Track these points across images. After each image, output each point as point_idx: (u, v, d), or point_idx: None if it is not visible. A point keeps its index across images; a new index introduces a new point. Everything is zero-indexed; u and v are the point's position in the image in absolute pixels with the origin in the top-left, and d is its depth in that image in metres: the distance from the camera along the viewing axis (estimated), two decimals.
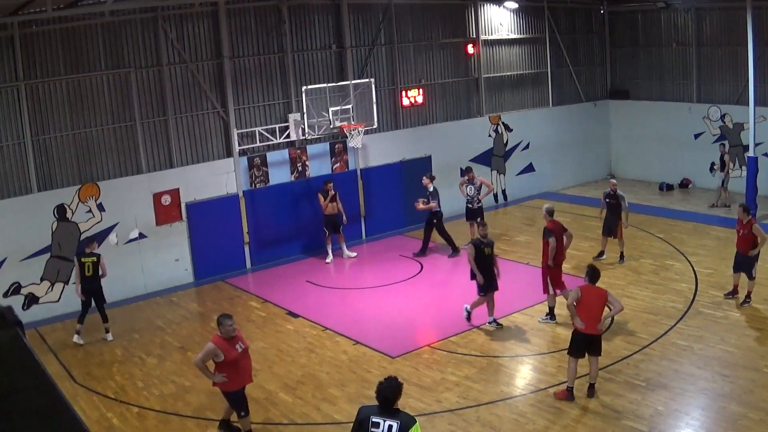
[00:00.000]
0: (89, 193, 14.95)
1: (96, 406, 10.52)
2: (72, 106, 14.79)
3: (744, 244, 12.48)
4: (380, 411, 6.02)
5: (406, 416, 6.04)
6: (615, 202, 15.18)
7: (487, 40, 21.03)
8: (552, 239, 12.34)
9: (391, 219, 19.08)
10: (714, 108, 21.18)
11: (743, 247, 12.50)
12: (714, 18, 21.19)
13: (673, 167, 22.13)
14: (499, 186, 21.61)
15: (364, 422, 5.98)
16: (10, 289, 14.09)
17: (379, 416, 5.95)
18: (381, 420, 5.93)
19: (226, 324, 8.75)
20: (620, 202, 15.10)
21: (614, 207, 15.21)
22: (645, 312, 12.37)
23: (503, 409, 9.62)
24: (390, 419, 5.92)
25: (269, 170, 17.26)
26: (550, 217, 12.72)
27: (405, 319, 13.28)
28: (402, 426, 5.88)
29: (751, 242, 12.37)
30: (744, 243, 12.48)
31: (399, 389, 6.13)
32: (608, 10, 23.63)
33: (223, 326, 8.77)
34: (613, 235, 15.25)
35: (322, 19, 17.85)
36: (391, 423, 5.89)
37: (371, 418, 5.96)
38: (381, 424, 5.91)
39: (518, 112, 21.97)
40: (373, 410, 6.07)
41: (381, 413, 5.99)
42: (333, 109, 16.71)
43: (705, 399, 9.49)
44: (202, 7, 16.04)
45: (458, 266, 16.40)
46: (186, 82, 16.08)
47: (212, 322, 13.76)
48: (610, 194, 15.26)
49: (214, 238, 16.35)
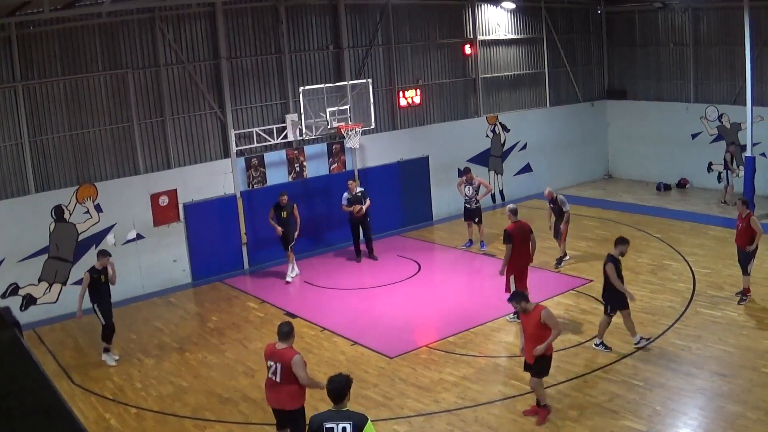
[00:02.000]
0: (87, 193, 14.94)
1: (94, 407, 10.51)
2: (69, 106, 14.77)
3: (742, 238, 12.56)
4: (332, 415, 6.09)
5: (358, 416, 6.11)
6: (557, 207, 15.24)
7: (485, 41, 21.04)
8: (509, 246, 12.20)
9: (389, 219, 19.08)
10: (711, 108, 21.20)
11: (742, 241, 12.58)
12: (711, 18, 21.22)
13: (670, 167, 22.15)
14: (497, 186, 21.62)
15: (318, 430, 6.03)
16: (8, 289, 14.07)
17: (332, 421, 6.00)
18: (334, 425, 5.97)
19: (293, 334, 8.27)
20: (561, 207, 15.13)
21: (558, 211, 15.27)
22: (643, 312, 12.37)
23: (501, 409, 9.63)
24: (342, 422, 5.97)
25: (267, 171, 17.26)
26: (514, 218, 12.60)
27: (403, 319, 13.28)
28: (355, 426, 5.95)
29: (748, 236, 12.44)
30: (742, 237, 12.56)
31: (349, 384, 6.27)
32: (605, 10, 23.65)
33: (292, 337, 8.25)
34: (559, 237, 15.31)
35: (319, 19, 17.85)
36: (344, 425, 5.94)
37: (324, 424, 6.01)
38: (335, 428, 5.95)
39: (515, 113, 21.98)
40: (323, 417, 6.13)
41: (333, 417, 6.04)
42: (330, 110, 16.72)
43: (703, 399, 9.50)
44: (199, 7, 16.03)
45: (457, 267, 16.42)
46: (183, 82, 16.07)
47: (210, 322, 13.81)
48: (551, 200, 15.30)
49: (211, 238, 16.35)
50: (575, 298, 13.47)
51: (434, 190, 20.00)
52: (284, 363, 8.02)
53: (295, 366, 7.93)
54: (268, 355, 8.24)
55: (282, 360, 8.04)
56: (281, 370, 8.05)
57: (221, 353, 12.27)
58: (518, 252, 12.35)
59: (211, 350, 12.44)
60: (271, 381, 8.22)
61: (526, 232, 12.51)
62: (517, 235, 12.33)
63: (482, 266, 15.87)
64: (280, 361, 8.07)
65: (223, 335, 13.09)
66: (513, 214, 12.68)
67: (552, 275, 14.85)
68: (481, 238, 16.99)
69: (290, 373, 7.98)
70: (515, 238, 12.28)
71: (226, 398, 10.55)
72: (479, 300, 13.93)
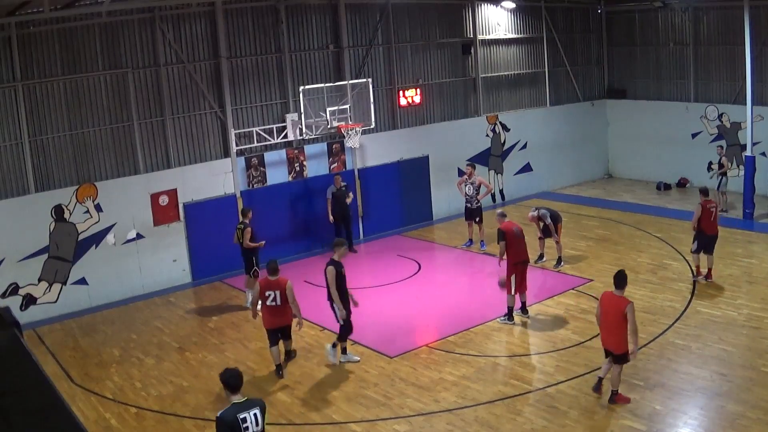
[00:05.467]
0: (87, 193, 14.94)
1: (94, 407, 10.51)
2: (69, 106, 14.77)
3: (716, 225, 13.67)
4: (238, 407, 6.42)
5: (258, 400, 6.67)
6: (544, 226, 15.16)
7: (485, 40, 21.04)
8: (502, 243, 12.42)
9: (389, 219, 19.09)
10: (711, 107, 21.21)
11: (715, 228, 13.65)
12: (711, 17, 21.22)
13: (670, 167, 22.15)
14: (497, 185, 21.62)
15: (234, 424, 6.31)
16: (8, 289, 14.07)
17: (242, 412, 6.38)
18: (246, 414, 6.37)
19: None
20: (548, 226, 15.08)
21: (546, 230, 15.23)
22: (643, 311, 12.36)
23: (501, 409, 9.62)
24: (251, 410, 6.42)
25: (267, 170, 17.26)
26: (504, 219, 12.79)
27: (403, 319, 13.27)
28: (261, 410, 6.49)
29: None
30: (716, 224, 13.67)
31: (241, 374, 6.74)
32: (605, 9, 23.65)
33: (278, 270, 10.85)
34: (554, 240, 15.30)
35: (319, 19, 17.85)
36: (254, 412, 6.41)
37: (237, 416, 6.34)
38: (248, 417, 6.36)
39: (516, 112, 21.98)
40: (232, 410, 6.42)
41: (241, 409, 6.40)
42: (330, 109, 16.72)
43: (703, 398, 9.50)
44: (199, 7, 16.03)
45: (457, 266, 16.43)
46: (183, 82, 16.07)
47: (210, 322, 13.81)
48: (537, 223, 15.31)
49: (211, 238, 16.32)
50: (575, 298, 13.47)
51: (434, 189, 20.00)
52: (281, 289, 10.69)
53: (289, 290, 10.72)
54: (265, 286, 10.77)
55: (279, 287, 10.71)
56: (280, 295, 10.71)
57: (221, 353, 12.27)
58: (515, 251, 12.39)
59: (211, 350, 12.44)
60: (272, 307, 10.77)
61: (519, 230, 12.63)
62: (510, 233, 12.44)
63: (482, 266, 15.87)
64: (277, 288, 10.71)
65: (223, 335, 13.09)
66: (502, 217, 12.87)
67: (552, 275, 14.85)
68: (482, 237, 16.99)
69: (285, 296, 10.69)
70: (509, 235, 12.40)
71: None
72: (479, 299, 13.93)
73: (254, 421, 6.35)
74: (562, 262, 15.26)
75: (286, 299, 10.71)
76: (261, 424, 6.42)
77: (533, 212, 15.37)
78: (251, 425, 6.33)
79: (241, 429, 6.28)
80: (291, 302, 10.69)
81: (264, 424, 6.48)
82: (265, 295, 10.75)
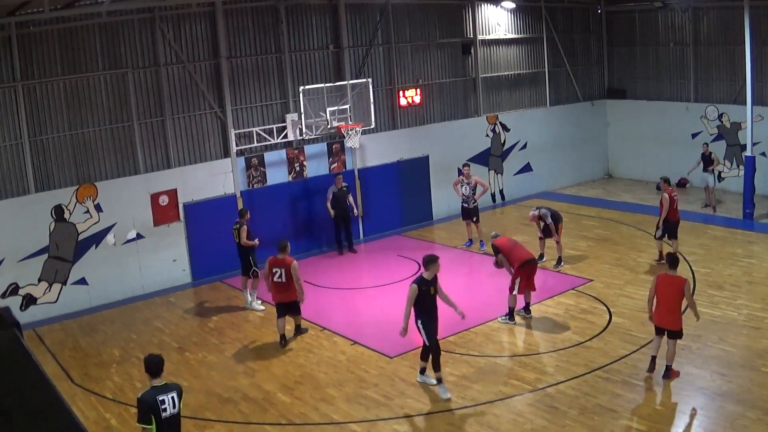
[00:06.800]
0: (87, 193, 14.94)
1: (94, 407, 10.51)
2: (69, 106, 14.77)
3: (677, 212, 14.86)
4: (158, 391, 6.93)
5: (175, 385, 7.20)
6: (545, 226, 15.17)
7: (485, 40, 21.04)
8: (500, 256, 12.71)
9: (389, 219, 19.09)
10: (711, 107, 21.20)
11: (678, 214, 14.82)
12: (711, 17, 21.22)
13: (670, 167, 22.07)
14: (497, 186, 21.62)
15: (153, 404, 6.81)
16: (8, 289, 14.07)
17: (161, 394, 6.90)
18: (165, 396, 6.90)
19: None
20: (548, 225, 15.10)
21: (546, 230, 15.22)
22: (643, 311, 12.31)
23: (501, 409, 9.62)
24: (169, 393, 6.94)
25: (267, 170, 17.26)
26: (495, 238, 13.13)
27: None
28: (178, 394, 7.03)
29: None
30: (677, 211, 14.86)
31: (163, 360, 7.21)
32: (605, 9, 23.65)
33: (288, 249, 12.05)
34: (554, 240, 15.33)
35: (319, 19, 17.85)
36: (172, 395, 6.95)
37: (156, 398, 6.86)
38: (166, 399, 6.89)
39: (516, 112, 21.98)
40: (152, 393, 6.92)
41: (160, 392, 6.91)
42: (330, 110, 16.72)
43: (703, 398, 9.49)
44: (199, 7, 16.03)
45: (456, 266, 16.41)
46: (183, 82, 16.07)
47: (210, 322, 13.81)
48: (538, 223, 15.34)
49: (211, 238, 16.32)
50: (575, 298, 13.46)
51: (434, 189, 19.99)
52: (286, 267, 11.80)
53: (293, 269, 11.79)
54: (273, 263, 11.92)
55: (284, 265, 11.82)
56: (285, 273, 11.81)
57: (221, 353, 12.27)
58: (516, 255, 12.51)
59: (211, 350, 12.44)
60: (278, 283, 11.92)
61: (512, 240, 13.02)
62: (503, 244, 12.79)
63: (482, 266, 15.86)
64: (283, 266, 11.82)
65: (223, 335, 13.09)
66: (494, 238, 13.20)
67: (552, 275, 14.85)
68: (480, 237, 16.99)
69: (290, 274, 11.75)
70: (503, 247, 12.73)
71: (226, 398, 10.54)
72: (479, 300, 13.90)
73: (171, 403, 6.91)
74: (562, 262, 15.26)
75: (291, 277, 11.75)
76: (177, 406, 6.97)
77: (534, 212, 15.37)
78: (168, 406, 6.88)
79: (160, 410, 6.82)
80: (295, 281, 11.77)
81: (180, 407, 7.02)
82: (272, 271, 11.92)
